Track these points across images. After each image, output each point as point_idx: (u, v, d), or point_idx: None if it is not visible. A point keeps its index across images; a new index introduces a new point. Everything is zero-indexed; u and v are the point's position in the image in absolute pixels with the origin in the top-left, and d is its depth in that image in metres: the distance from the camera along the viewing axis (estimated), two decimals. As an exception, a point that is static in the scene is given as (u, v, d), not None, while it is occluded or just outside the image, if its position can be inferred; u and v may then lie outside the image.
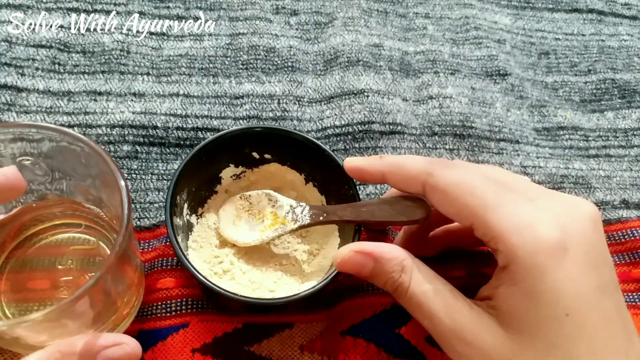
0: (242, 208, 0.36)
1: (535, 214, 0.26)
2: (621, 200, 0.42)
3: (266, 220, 0.34)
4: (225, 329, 0.33)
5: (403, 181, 0.30)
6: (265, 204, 0.35)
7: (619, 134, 0.47)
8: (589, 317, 0.24)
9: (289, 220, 0.33)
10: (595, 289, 0.25)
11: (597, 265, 0.25)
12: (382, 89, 0.45)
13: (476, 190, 0.27)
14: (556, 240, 0.25)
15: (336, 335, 0.34)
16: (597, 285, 0.25)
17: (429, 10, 0.54)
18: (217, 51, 0.46)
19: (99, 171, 0.28)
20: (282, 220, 0.33)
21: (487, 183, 0.27)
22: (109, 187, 0.27)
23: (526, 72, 0.51)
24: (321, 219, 0.32)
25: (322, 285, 0.30)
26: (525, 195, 0.27)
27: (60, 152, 0.28)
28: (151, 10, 0.48)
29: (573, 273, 0.24)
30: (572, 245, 0.25)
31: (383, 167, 0.31)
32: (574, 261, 0.25)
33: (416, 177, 0.29)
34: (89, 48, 0.44)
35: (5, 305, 0.30)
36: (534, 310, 0.24)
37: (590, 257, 0.25)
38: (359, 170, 0.32)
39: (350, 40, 0.48)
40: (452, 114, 0.45)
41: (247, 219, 0.35)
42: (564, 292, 0.24)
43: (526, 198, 0.27)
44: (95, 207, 0.32)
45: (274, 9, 0.50)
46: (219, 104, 0.43)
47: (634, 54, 0.54)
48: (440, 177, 0.28)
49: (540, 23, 0.55)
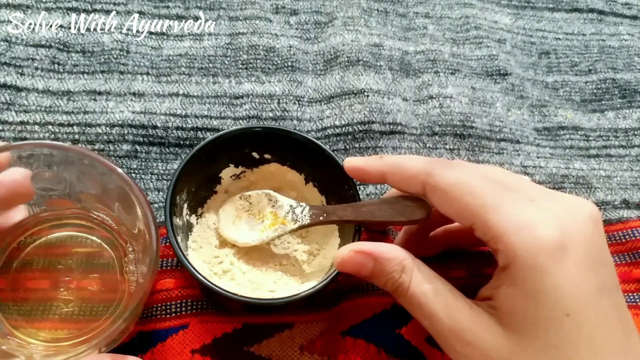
0: (242, 208, 0.35)
1: (535, 214, 0.26)
2: (622, 200, 0.42)
3: (266, 220, 0.34)
4: (224, 329, 0.33)
5: (403, 181, 0.30)
6: (265, 204, 0.35)
7: (620, 134, 0.47)
8: (588, 317, 0.24)
9: (289, 221, 0.33)
10: (594, 288, 0.25)
11: (596, 265, 0.25)
12: (382, 88, 0.45)
13: (476, 190, 0.27)
14: (556, 240, 0.25)
15: (336, 335, 0.34)
16: (596, 285, 0.25)
17: (429, 9, 0.54)
18: (216, 51, 0.46)
19: (118, 191, 0.28)
20: (282, 220, 0.33)
21: (486, 183, 0.27)
22: (126, 205, 0.28)
23: (526, 72, 0.51)
24: (321, 219, 0.32)
25: (322, 285, 0.30)
26: (525, 195, 0.27)
27: (79, 169, 0.29)
28: (151, 10, 0.48)
29: (573, 273, 0.24)
30: (572, 245, 0.25)
31: (383, 167, 0.31)
32: (573, 261, 0.25)
33: (416, 177, 0.29)
34: (89, 48, 0.44)
35: (4, 305, 0.30)
36: (534, 310, 0.24)
37: (590, 257, 0.25)
38: (359, 170, 0.32)
39: (350, 39, 0.48)
40: (452, 113, 0.45)
41: (247, 219, 0.35)
42: (563, 293, 0.24)
43: (526, 198, 0.27)
44: (104, 215, 0.32)
45: (274, 9, 0.50)
46: (219, 104, 0.43)
47: (635, 54, 0.54)
48: (440, 177, 0.28)
49: (541, 23, 0.55)
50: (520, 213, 0.26)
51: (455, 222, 0.33)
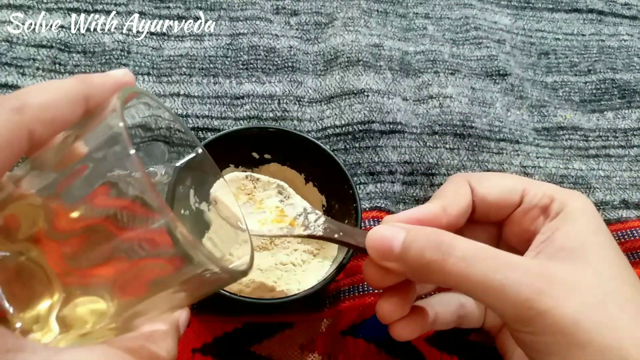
0: (243, 189, 0.32)
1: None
2: (621, 200, 0.42)
3: (268, 212, 0.32)
4: (225, 329, 0.33)
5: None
6: (272, 194, 0.32)
7: (619, 134, 0.47)
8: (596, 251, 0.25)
9: (299, 225, 0.30)
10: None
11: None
12: (382, 88, 0.45)
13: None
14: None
15: (336, 335, 0.34)
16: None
17: (429, 10, 0.54)
18: (217, 51, 0.46)
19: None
20: (292, 220, 0.31)
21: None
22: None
23: (526, 72, 0.51)
24: (336, 237, 0.29)
25: (322, 285, 0.30)
26: None
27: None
28: (151, 10, 0.48)
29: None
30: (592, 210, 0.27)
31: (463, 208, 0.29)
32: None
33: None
34: (90, 48, 0.44)
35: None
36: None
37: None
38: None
39: (350, 40, 0.48)
40: (452, 113, 0.45)
41: (244, 203, 0.32)
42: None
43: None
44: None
45: (274, 9, 0.51)
46: (220, 104, 0.43)
47: (634, 54, 0.54)
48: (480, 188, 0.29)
49: (540, 23, 0.55)
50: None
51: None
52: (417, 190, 0.41)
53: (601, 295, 0.23)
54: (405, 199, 0.41)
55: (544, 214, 0.27)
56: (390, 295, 0.27)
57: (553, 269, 0.24)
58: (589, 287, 0.23)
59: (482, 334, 0.35)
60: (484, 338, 0.35)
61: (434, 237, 0.24)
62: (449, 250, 0.24)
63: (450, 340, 0.35)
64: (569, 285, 0.23)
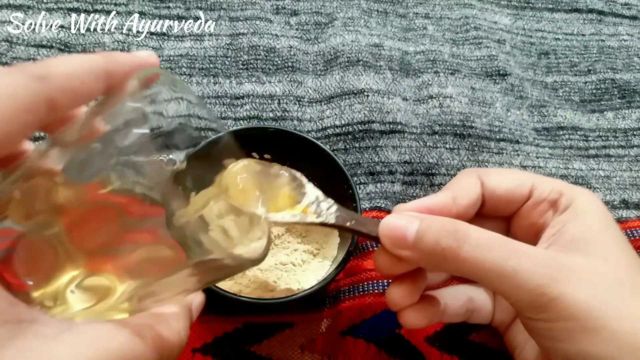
0: (257, 176, 0.31)
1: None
2: (621, 200, 0.42)
3: (280, 200, 0.31)
4: (225, 329, 0.33)
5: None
6: (284, 182, 0.32)
7: (619, 134, 0.48)
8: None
9: (312, 212, 0.30)
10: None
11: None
12: (382, 88, 0.45)
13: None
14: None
15: (336, 335, 0.34)
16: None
17: (429, 10, 0.54)
18: (217, 51, 0.46)
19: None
20: (304, 208, 0.30)
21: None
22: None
23: (526, 72, 0.51)
24: (348, 225, 0.29)
25: (322, 285, 0.30)
26: None
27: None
28: (151, 10, 0.48)
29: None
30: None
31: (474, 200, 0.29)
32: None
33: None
34: (90, 48, 0.44)
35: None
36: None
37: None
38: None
39: (350, 40, 0.48)
40: (452, 113, 0.45)
41: (257, 191, 0.31)
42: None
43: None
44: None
45: (274, 9, 0.51)
46: (220, 104, 0.43)
47: (634, 54, 0.54)
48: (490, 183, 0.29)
49: (540, 23, 0.55)
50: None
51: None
52: (417, 190, 0.42)
53: (614, 283, 0.23)
54: (405, 199, 0.41)
55: (553, 207, 0.27)
56: (400, 282, 0.27)
57: (565, 258, 0.24)
58: (601, 275, 0.23)
59: (483, 334, 0.35)
60: (484, 338, 0.35)
61: (449, 225, 0.25)
62: (464, 238, 0.24)
63: (450, 340, 0.35)
64: (581, 273, 0.23)
